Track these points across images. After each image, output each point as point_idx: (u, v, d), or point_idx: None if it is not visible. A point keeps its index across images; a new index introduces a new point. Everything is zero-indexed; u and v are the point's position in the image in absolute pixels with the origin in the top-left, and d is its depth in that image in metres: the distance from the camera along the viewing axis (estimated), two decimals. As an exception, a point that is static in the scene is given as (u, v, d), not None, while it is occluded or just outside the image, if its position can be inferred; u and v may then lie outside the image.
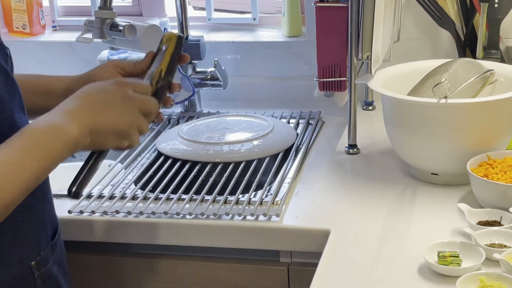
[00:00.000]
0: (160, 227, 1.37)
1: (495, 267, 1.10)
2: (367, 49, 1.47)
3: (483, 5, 1.68)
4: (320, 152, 1.62)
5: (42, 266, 1.13)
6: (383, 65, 1.54)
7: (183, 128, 1.72)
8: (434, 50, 1.85)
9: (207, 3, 2.08)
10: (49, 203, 1.17)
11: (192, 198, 1.43)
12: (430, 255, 1.13)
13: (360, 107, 1.85)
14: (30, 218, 1.10)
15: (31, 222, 1.11)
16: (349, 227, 1.29)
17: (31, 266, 1.10)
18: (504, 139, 1.41)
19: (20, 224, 1.07)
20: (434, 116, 1.36)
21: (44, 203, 1.15)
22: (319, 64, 1.61)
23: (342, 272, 1.16)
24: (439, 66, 1.49)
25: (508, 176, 1.28)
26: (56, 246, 1.17)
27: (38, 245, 1.13)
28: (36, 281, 1.11)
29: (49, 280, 1.14)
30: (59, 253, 1.18)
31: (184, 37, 1.85)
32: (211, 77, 1.89)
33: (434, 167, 1.42)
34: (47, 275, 1.14)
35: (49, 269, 1.14)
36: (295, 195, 1.43)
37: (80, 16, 2.15)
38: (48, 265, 1.14)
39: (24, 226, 1.09)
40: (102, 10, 1.71)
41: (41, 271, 1.12)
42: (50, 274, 1.15)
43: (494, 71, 1.46)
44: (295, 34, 1.97)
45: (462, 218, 1.24)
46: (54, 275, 1.16)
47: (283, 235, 1.33)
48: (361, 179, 1.48)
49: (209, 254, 1.41)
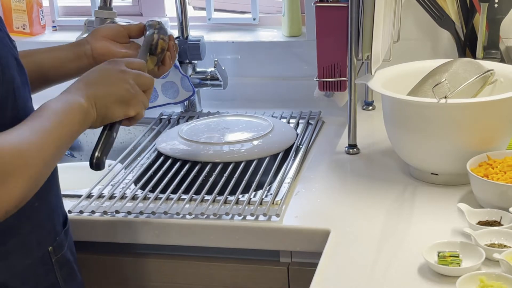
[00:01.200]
0: (160, 227, 1.37)
1: (495, 267, 1.10)
2: (367, 49, 1.47)
3: (483, 5, 1.68)
4: (320, 152, 1.62)
5: (59, 251, 1.18)
6: (383, 65, 1.54)
7: (183, 128, 1.72)
8: (434, 50, 1.85)
9: (207, 3, 2.08)
10: (58, 189, 1.22)
11: (192, 198, 1.43)
12: (430, 255, 1.13)
13: (360, 107, 1.85)
14: (45, 204, 1.15)
15: (46, 208, 1.16)
16: (349, 227, 1.29)
17: (48, 251, 1.16)
18: (504, 139, 1.41)
19: (37, 210, 1.12)
20: (434, 116, 1.36)
21: (55, 190, 1.20)
22: (319, 64, 1.61)
23: (342, 272, 1.16)
24: (439, 66, 1.49)
25: (508, 176, 1.28)
26: (68, 232, 1.23)
27: (54, 230, 1.18)
28: (54, 266, 1.17)
29: (65, 266, 1.20)
30: (70, 239, 1.24)
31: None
32: (211, 77, 1.89)
33: (434, 167, 1.42)
34: (63, 261, 1.19)
35: (64, 254, 1.20)
36: (295, 195, 1.43)
37: (80, 16, 2.15)
38: (63, 250, 1.20)
39: (40, 211, 1.14)
40: (102, 10, 1.71)
41: (58, 256, 1.18)
42: (66, 259, 1.20)
43: (494, 71, 1.46)
44: (295, 34, 1.97)
45: (462, 218, 1.24)
46: (69, 260, 1.22)
47: (283, 235, 1.33)
48: (361, 179, 1.48)
49: (209, 254, 1.41)
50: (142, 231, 1.38)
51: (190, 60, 1.88)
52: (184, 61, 1.88)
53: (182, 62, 1.87)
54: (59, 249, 1.19)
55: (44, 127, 1.00)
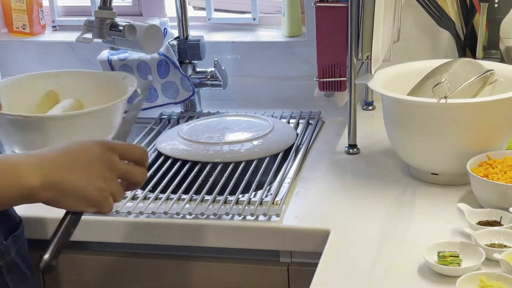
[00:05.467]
0: (160, 227, 1.37)
1: (495, 267, 1.10)
2: (367, 49, 1.47)
3: (483, 5, 1.68)
4: (320, 152, 1.62)
5: (6, 255, 1.23)
6: (383, 65, 1.54)
7: (183, 128, 1.72)
8: (434, 50, 1.85)
9: (207, 3, 2.08)
10: None
11: (192, 198, 1.43)
12: (430, 255, 1.13)
13: (360, 107, 1.85)
14: None
15: None
16: (349, 227, 1.29)
17: None
18: (504, 139, 1.41)
19: None
20: (434, 116, 1.36)
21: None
22: (319, 64, 1.61)
23: (342, 272, 1.16)
24: (439, 66, 1.49)
25: (508, 176, 1.28)
26: (18, 239, 1.27)
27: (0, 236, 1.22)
28: (2, 268, 1.22)
29: (14, 268, 1.24)
30: (22, 245, 1.28)
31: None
32: (211, 77, 1.89)
33: (434, 167, 1.42)
34: (11, 263, 1.24)
35: (13, 258, 1.24)
36: (295, 195, 1.43)
37: (80, 16, 2.14)
38: (11, 254, 1.24)
39: None
40: (102, 10, 1.70)
41: (6, 260, 1.22)
42: (14, 263, 1.24)
43: (494, 71, 1.46)
44: (295, 34, 1.97)
45: (462, 218, 1.24)
46: (18, 264, 1.25)
47: (283, 235, 1.33)
48: (361, 179, 1.48)
49: (209, 254, 1.40)
50: (141, 231, 1.38)
51: (190, 60, 1.88)
52: (184, 61, 1.88)
53: (182, 62, 1.87)
54: (7, 253, 1.23)
55: None
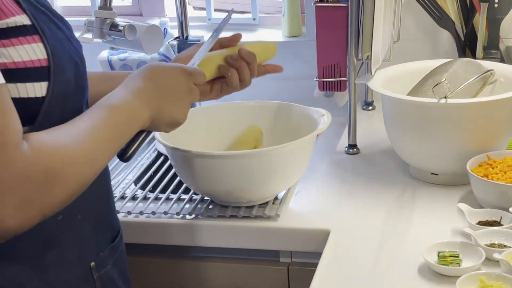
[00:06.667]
0: (160, 227, 1.37)
1: (495, 267, 1.10)
2: (367, 49, 1.47)
3: (483, 5, 1.68)
4: (320, 152, 1.62)
5: (101, 268, 1.10)
6: (383, 65, 1.54)
7: (183, 128, 1.71)
8: (434, 50, 1.85)
9: (207, 3, 2.08)
10: (109, 203, 1.15)
11: (192, 198, 1.43)
12: (430, 255, 1.13)
13: (360, 107, 1.85)
14: (89, 218, 1.07)
15: (91, 221, 1.08)
16: (349, 227, 1.29)
17: (90, 267, 1.08)
18: (504, 139, 1.41)
19: (79, 222, 1.05)
20: (434, 116, 1.36)
21: (104, 203, 1.13)
22: (319, 64, 1.61)
23: (342, 272, 1.16)
24: (439, 66, 1.49)
25: (508, 176, 1.28)
26: (116, 249, 1.14)
27: (97, 246, 1.10)
28: (95, 283, 1.09)
29: (108, 283, 1.12)
30: (119, 257, 1.16)
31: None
32: (211, 77, 1.88)
33: (434, 167, 1.42)
34: (106, 278, 1.11)
35: (108, 272, 1.12)
36: (295, 195, 1.43)
37: (80, 16, 2.14)
38: (107, 267, 1.11)
39: (83, 225, 1.06)
40: (102, 10, 1.70)
41: (100, 273, 1.09)
42: (108, 277, 1.12)
43: (494, 71, 1.46)
44: (295, 34, 1.97)
45: (462, 218, 1.24)
46: (113, 279, 1.13)
47: (283, 235, 1.33)
48: (361, 179, 1.48)
49: (209, 254, 1.40)
50: (141, 231, 1.38)
51: (190, 60, 1.88)
52: (184, 61, 1.88)
53: (182, 62, 1.87)
54: (102, 266, 1.10)
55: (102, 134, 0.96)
